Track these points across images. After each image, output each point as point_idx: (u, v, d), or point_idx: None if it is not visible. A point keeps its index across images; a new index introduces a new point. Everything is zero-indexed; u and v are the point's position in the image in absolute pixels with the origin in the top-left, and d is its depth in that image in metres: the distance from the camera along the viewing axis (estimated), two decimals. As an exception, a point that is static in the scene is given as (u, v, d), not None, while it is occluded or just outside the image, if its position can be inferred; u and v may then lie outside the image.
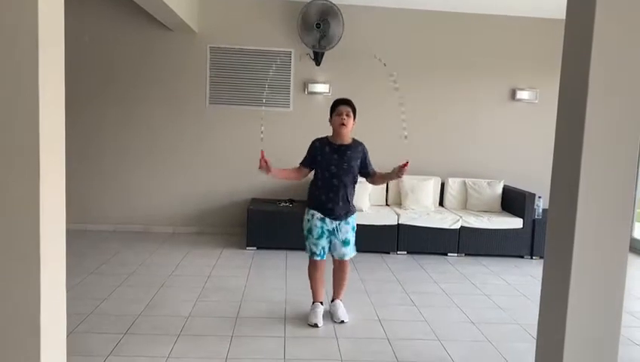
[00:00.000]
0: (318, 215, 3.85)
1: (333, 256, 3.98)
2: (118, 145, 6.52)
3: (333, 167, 3.83)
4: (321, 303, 4.01)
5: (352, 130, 3.91)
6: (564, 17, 2.36)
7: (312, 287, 4.03)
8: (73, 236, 5.51)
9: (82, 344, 3.34)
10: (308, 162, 3.95)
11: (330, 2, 6.18)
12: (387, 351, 3.48)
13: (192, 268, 5.14)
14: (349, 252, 3.94)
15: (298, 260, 5.52)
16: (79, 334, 3.51)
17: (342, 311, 3.98)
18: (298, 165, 4.00)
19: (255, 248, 5.90)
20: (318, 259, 3.89)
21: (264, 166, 3.69)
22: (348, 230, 3.90)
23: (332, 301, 4.07)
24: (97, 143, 6.50)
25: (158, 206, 6.62)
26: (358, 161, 3.89)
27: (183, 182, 6.61)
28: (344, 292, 4.10)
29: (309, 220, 3.89)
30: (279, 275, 5.03)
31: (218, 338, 3.55)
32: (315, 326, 3.82)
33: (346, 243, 3.90)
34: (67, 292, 2.35)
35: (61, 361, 2.33)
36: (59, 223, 2.24)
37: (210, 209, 6.66)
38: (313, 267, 3.97)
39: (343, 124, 3.81)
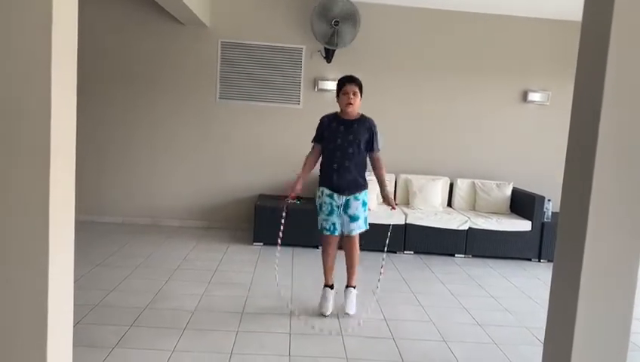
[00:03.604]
0: (327, 191, 3.92)
1: (343, 231, 4.00)
2: (128, 138, 6.54)
3: (339, 140, 3.87)
4: (331, 287, 4.03)
5: (359, 107, 3.94)
6: (577, 19, 2.33)
7: (323, 266, 4.09)
8: (81, 227, 5.53)
9: (88, 335, 3.36)
10: (318, 138, 4.02)
11: (349, 0, 6.15)
12: (392, 350, 3.47)
13: (199, 263, 5.15)
14: (357, 227, 3.95)
15: (305, 257, 5.52)
16: (86, 325, 3.52)
17: (350, 302, 4.00)
18: (312, 145, 4.05)
19: (262, 244, 5.91)
20: (328, 233, 3.94)
21: (298, 187, 3.89)
22: (357, 206, 3.91)
23: (346, 287, 4.10)
24: (107, 135, 6.52)
25: (166, 199, 6.63)
26: (366, 135, 3.91)
27: (191, 176, 6.62)
28: (356, 277, 4.10)
29: (319, 197, 3.99)
30: (286, 272, 5.03)
31: (223, 333, 3.56)
32: (322, 315, 3.88)
33: (353, 218, 3.92)
34: (74, 283, 2.35)
35: (67, 352, 2.34)
36: (68, 214, 2.24)
37: (217, 204, 6.67)
38: (325, 242, 4.02)
39: (350, 103, 3.86)
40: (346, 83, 3.89)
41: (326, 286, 4.06)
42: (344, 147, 3.86)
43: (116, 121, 6.52)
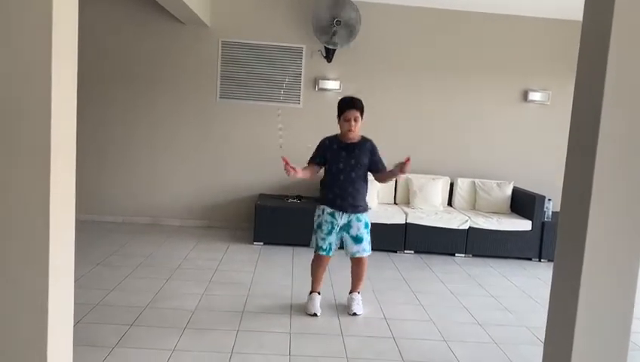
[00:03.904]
0: (328, 209, 3.90)
1: (347, 254, 4.02)
2: (128, 137, 6.55)
3: (341, 164, 3.87)
4: (319, 293, 4.06)
5: (361, 128, 3.92)
6: (578, 19, 2.33)
7: (312, 278, 4.08)
8: (82, 227, 5.53)
9: (89, 334, 3.36)
10: (317, 160, 3.98)
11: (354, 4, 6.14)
12: (393, 349, 3.47)
13: (199, 262, 5.15)
14: (362, 249, 3.95)
15: (305, 256, 5.52)
16: (86, 324, 3.52)
17: (357, 304, 4.02)
18: (307, 164, 4.00)
19: (262, 243, 5.91)
20: (324, 254, 3.92)
21: (292, 170, 3.70)
22: (360, 227, 3.91)
23: (350, 292, 4.11)
24: (107, 135, 6.52)
25: (166, 198, 6.64)
26: (367, 158, 3.89)
27: (191, 175, 6.62)
28: (362, 286, 4.13)
29: (319, 215, 3.95)
30: (286, 271, 5.03)
31: (224, 332, 3.56)
32: (315, 315, 3.88)
33: (357, 240, 3.91)
34: (75, 282, 2.36)
35: (68, 351, 2.34)
36: (68, 214, 2.25)
37: (218, 203, 6.67)
38: (318, 262, 4.00)
39: (351, 130, 3.84)
40: (347, 109, 3.82)
41: (313, 291, 4.07)
42: (347, 171, 3.87)
43: (116, 121, 6.52)
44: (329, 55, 6.42)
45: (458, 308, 4.36)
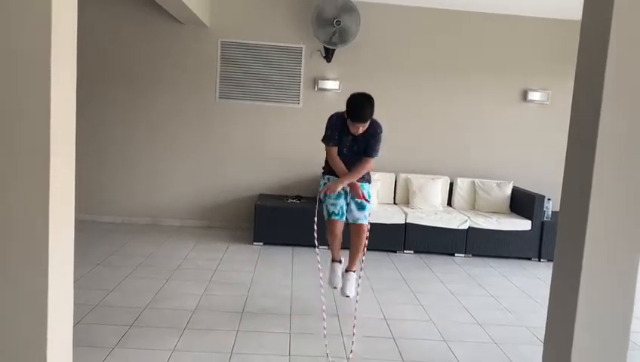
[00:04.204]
0: (334, 177, 3.94)
1: (348, 220, 3.99)
2: (128, 138, 6.54)
3: (345, 149, 3.94)
4: (340, 261, 4.07)
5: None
6: (577, 18, 2.33)
7: (330, 246, 4.12)
8: (81, 227, 5.54)
9: (88, 335, 3.36)
10: (333, 140, 3.93)
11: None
12: (392, 350, 3.47)
13: (199, 262, 5.15)
14: (364, 216, 3.96)
15: (305, 256, 5.52)
16: (86, 325, 3.52)
17: (350, 285, 3.99)
18: (328, 145, 3.94)
19: (262, 243, 5.91)
20: (337, 218, 3.93)
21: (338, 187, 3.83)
22: (364, 193, 3.97)
23: (345, 271, 4.07)
24: (106, 135, 6.52)
25: (166, 199, 6.64)
26: (372, 140, 3.90)
27: (191, 175, 6.62)
28: (358, 262, 4.01)
29: (325, 183, 4.01)
30: (286, 271, 5.03)
31: (224, 332, 3.56)
32: (334, 288, 4.00)
33: (361, 206, 3.94)
34: (74, 282, 2.36)
35: (67, 352, 2.34)
36: (68, 214, 2.25)
37: (217, 203, 6.67)
38: (332, 228, 3.95)
39: (358, 132, 3.85)
40: (356, 121, 3.76)
41: (334, 261, 4.08)
42: (349, 156, 3.94)
43: (116, 121, 6.52)
44: (328, 55, 6.42)
45: (458, 308, 4.36)
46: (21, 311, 2.11)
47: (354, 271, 4.07)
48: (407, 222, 5.96)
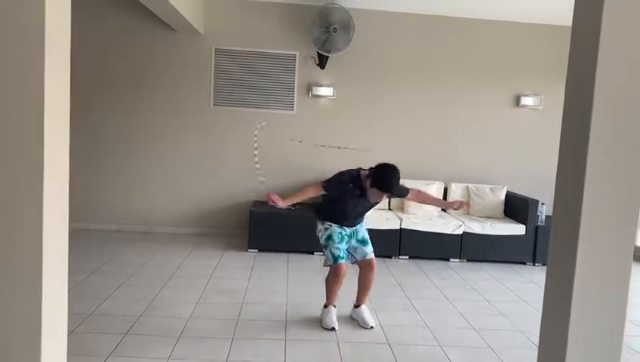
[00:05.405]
0: (335, 224, 3.91)
1: (356, 260, 4.00)
2: (122, 145, 6.53)
3: (352, 203, 3.85)
4: (334, 306, 3.97)
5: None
6: (569, 24, 2.35)
7: (330, 291, 3.96)
8: (76, 235, 5.52)
9: (83, 344, 3.34)
10: (332, 192, 3.82)
11: (344, 7, 6.16)
12: (388, 355, 3.47)
13: (194, 270, 5.13)
14: (370, 250, 4.00)
15: (299, 263, 5.52)
16: (80, 334, 3.50)
17: (369, 315, 3.99)
18: (320, 184, 3.82)
19: (257, 250, 5.90)
20: (344, 261, 3.87)
21: (278, 203, 3.66)
22: (363, 231, 4.03)
23: (357, 306, 4.05)
24: (101, 142, 6.51)
25: (160, 206, 6.62)
26: (380, 199, 3.92)
27: (185, 183, 6.61)
28: (368, 297, 4.10)
29: (327, 228, 3.91)
30: (281, 278, 5.02)
31: (219, 340, 3.55)
32: (333, 329, 3.81)
33: (365, 242, 3.99)
34: (69, 291, 2.35)
35: (62, 361, 2.33)
36: (62, 222, 2.24)
37: (212, 210, 6.66)
38: (336, 273, 3.86)
39: (377, 201, 3.92)
40: (385, 191, 3.75)
41: (330, 305, 3.96)
42: (357, 210, 3.93)
43: (110, 129, 6.51)
44: (322, 62, 6.44)
45: (453, 313, 4.36)
46: (15, 320, 2.10)
47: (365, 305, 4.08)
48: (402, 227, 5.97)
